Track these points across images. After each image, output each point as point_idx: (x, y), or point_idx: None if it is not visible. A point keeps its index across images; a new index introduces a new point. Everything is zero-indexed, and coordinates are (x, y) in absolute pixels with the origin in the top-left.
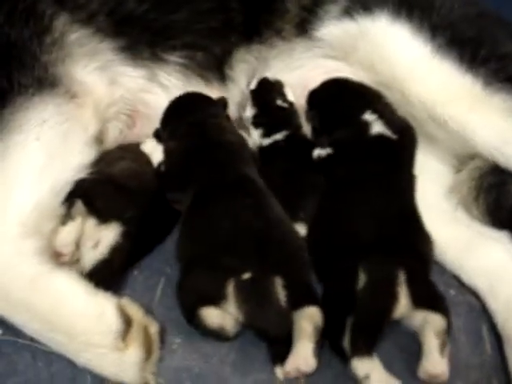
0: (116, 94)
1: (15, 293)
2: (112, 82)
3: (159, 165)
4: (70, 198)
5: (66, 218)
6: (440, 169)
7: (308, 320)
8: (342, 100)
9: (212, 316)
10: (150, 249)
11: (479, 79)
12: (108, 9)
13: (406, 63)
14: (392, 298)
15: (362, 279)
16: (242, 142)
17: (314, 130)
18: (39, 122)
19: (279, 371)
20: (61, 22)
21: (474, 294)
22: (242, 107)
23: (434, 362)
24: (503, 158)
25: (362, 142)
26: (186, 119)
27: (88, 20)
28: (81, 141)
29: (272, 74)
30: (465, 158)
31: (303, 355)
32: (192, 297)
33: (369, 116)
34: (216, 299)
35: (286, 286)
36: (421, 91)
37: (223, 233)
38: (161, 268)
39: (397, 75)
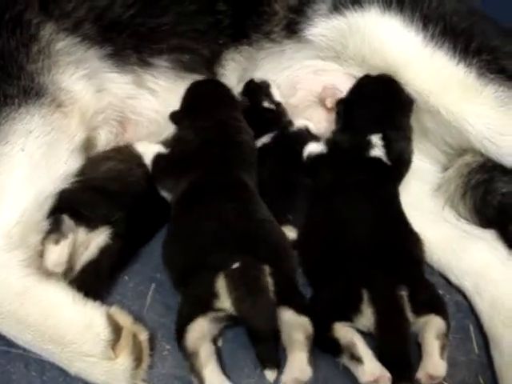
0: (103, 102)
1: (5, 305)
2: (99, 89)
3: (158, 154)
4: (56, 213)
5: (58, 236)
6: (428, 167)
7: (299, 330)
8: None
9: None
10: (137, 248)
11: (472, 70)
12: (94, 16)
13: (399, 53)
14: (404, 325)
15: (366, 304)
16: (253, 146)
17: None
18: (25, 133)
19: (269, 374)
20: (47, 30)
21: (462, 294)
22: None
23: (435, 363)
24: (494, 147)
25: (357, 155)
26: (212, 117)
27: (74, 28)
28: (67, 150)
29: (261, 74)
30: (454, 154)
31: (299, 366)
32: (188, 309)
33: (375, 138)
34: (210, 303)
35: (274, 275)
36: (414, 80)
37: (210, 234)
38: (151, 274)
39: (389, 66)
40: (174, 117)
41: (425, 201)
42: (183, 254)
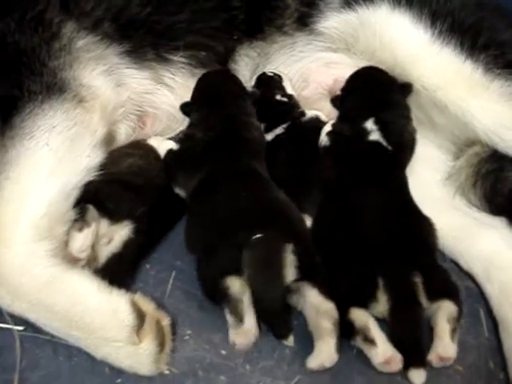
0: (123, 96)
1: (33, 294)
2: (118, 84)
3: (170, 150)
4: (82, 203)
5: (81, 224)
6: (439, 156)
7: (326, 317)
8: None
9: (235, 284)
10: (158, 240)
11: (479, 65)
12: (112, 14)
13: (407, 49)
14: (417, 311)
15: (382, 291)
16: (262, 139)
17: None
18: (49, 128)
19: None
20: (68, 29)
21: (472, 279)
22: None
23: (445, 345)
24: (501, 141)
25: (359, 142)
26: (222, 112)
27: (94, 26)
28: (89, 144)
29: (274, 67)
30: (463, 145)
31: (327, 352)
32: (215, 271)
33: (369, 124)
34: (236, 269)
35: (297, 254)
36: (422, 76)
37: (233, 214)
38: (171, 262)
39: (398, 61)
40: (185, 108)
41: (436, 189)
42: (206, 236)
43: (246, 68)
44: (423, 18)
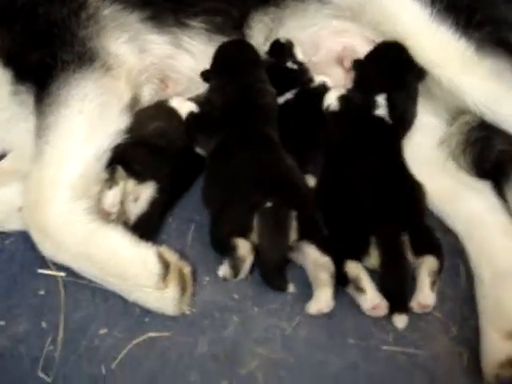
0: (146, 61)
1: (74, 247)
2: (141, 50)
3: (191, 112)
4: (111, 164)
5: (111, 182)
6: (434, 123)
7: (324, 269)
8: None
9: (244, 246)
10: (179, 197)
11: (472, 43)
12: None
13: (407, 25)
14: (403, 265)
15: (373, 247)
16: (275, 104)
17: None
18: (81, 96)
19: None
20: None
21: (455, 236)
22: None
23: (425, 295)
24: (490, 114)
25: (365, 113)
26: (239, 80)
27: None
28: (117, 110)
29: (286, 31)
30: (456, 113)
31: (324, 299)
32: (226, 229)
33: (380, 98)
34: (246, 231)
35: (299, 218)
36: (420, 52)
37: (247, 177)
38: (191, 216)
39: (400, 37)
40: (205, 75)
41: (429, 153)
42: (222, 194)
43: (260, 33)
44: None
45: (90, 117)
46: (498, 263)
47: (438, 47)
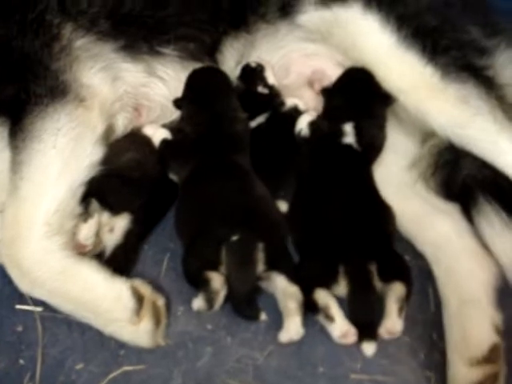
0: (119, 90)
1: (49, 283)
2: (115, 78)
3: (164, 140)
4: (86, 197)
5: (86, 215)
6: (405, 143)
7: (292, 299)
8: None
9: (217, 279)
10: (154, 226)
11: (438, 69)
12: (107, 12)
13: (374, 53)
14: (371, 294)
15: (342, 276)
16: (246, 131)
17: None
18: (54, 131)
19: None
20: (67, 29)
21: (424, 259)
22: None
23: (393, 322)
24: (458, 139)
25: (333, 141)
26: (209, 109)
27: (91, 24)
28: (91, 142)
29: (257, 55)
30: (427, 134)
31: (294, 328)
32: (197, 264)
33: (348, 127)
34: (216, 265)
35: (267, 249)
36: (386, 79)
37: (216, 209)
38: (165, 244)
39: (366, 63)
40: (177, 103)
41: (400, 174)
42: (192, 226)
43: (232, 58)
44: (390, 21)
45: (64, 151)
46: (464, 290)
47: (404, 74)
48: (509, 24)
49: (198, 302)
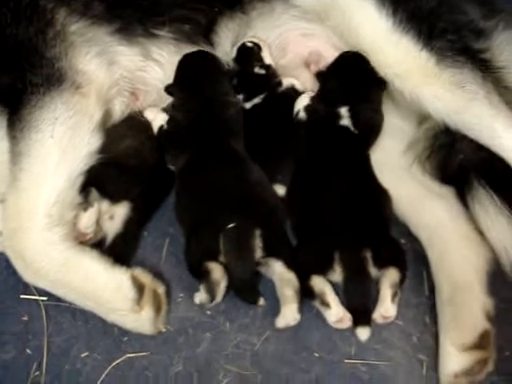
0: (116, 75)
1: (52, 274)
2: (111, 63)
3: (161, 127)
4: (85, 187)
5: (86, 204)
6: (402, 127)
7: (288, 286)
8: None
9: (216, 270)
10: (153, 213)
11: (434, 54)
12: None
13: (369, 37)
14: (365, 281)
15: (337, 263)
16: (239, 115)
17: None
18: (52, 120)
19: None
20: (61, 14)
21: (420, 244)
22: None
23: (386, 307)
24: (453, 124)
25: (330, 124)
26: (200, 95)
27: (84, 8)
28: (88, 131)
29: (253, 33)
30: (423, 117)
31: (291, 315)
32: (197, 254)
33: (343, 110)
34: (215, 254)
35: (264, 236)
36: (381, 64)
37: (213, 197)
38: (165, 229)
39: (362, 47)
40: (168, 89)
41: (397, 157)
42: (191, 214)
43: (227, 39)
44: (386, 5)
45: (62, 141)
46: (457, 275)
47: (400, 59)
48: (507, 4)
49: (200, 296)
